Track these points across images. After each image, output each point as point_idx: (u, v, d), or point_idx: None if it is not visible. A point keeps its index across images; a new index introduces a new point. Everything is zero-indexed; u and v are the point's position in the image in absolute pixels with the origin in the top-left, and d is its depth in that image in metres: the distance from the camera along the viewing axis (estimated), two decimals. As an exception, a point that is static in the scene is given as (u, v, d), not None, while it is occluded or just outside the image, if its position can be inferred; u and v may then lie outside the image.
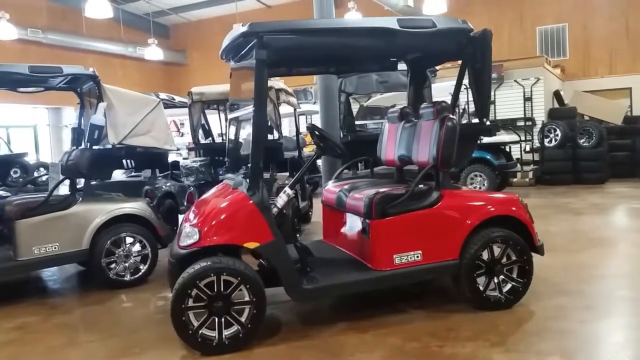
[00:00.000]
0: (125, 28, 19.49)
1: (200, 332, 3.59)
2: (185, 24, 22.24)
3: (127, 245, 5.45)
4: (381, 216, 3.96)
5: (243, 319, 3.64)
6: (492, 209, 4.16)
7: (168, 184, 8.09)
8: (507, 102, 13.04)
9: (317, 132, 4.12)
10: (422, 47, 4.19)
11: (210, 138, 7.88)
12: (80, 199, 5.39)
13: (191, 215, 4.19)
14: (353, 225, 4.33)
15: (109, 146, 5.74)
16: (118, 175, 8.50)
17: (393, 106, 15.27)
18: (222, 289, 3.59)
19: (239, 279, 3.59)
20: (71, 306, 5.00)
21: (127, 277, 5.44)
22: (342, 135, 6.97)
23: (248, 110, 4.52)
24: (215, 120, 8.64)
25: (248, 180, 3.76)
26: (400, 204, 3.98)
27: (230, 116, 4.76)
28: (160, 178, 8.20)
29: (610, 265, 5.47)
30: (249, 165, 3.75)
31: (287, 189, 3.98)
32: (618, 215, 8.37)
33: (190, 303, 3.57)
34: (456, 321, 3.99)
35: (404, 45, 4.06)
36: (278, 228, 3.71)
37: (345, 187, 4.58)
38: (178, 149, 10.50)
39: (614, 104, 15.07)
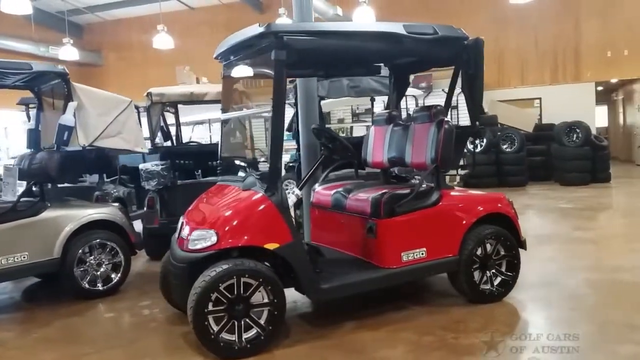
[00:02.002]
0: (36, 26, 18.24)
1: (220, 336, 3.52)
2: (101, 24, 21.17)
3: (99, 253, 5.17)
4: (389, 215, 4.08)
5: (262, 321, 3.60)
6: (487, 207, 4.42)
7: (114, 189, 7.74)
8: (436, 110, 13.68)
9: (325, 133, 4.16)
10: (422, 53, 4.35)
11: (169, 141, 7.63)
12: (49, 204, 5.04)
13: (193, 219, 4.08)
14: (354, 225, 4.40)
15: (76, 148, 5.40)
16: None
17: (328, 113, 15.38)
18: (241, 292, 3.54)
19: (260, 280, 3.56)
20: (46, 319, 4.63)
21: (100, 287, 5.16)
22: None
23: (240, 113, 4.50)
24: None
25: (265, 180, 3.74)
26: (406, 203, 4.12)
27: (222, 118, 4.67)
28: (107, 183, 7.82)
29: (566, 259, 5.90)
30: (268, 166, 3.72)
31: (295, 189, 3.99)
32: (551, 214, 9.04)
33: (211, 307, 3.49)
34: (458, 315, 4.19)
35: (406, 50, 4.20)
36: None
37: (340, 189, 4.65)
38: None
39: (526, 112, 16.28)
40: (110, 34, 21.08)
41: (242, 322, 3.57)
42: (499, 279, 4.44)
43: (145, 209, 6.79)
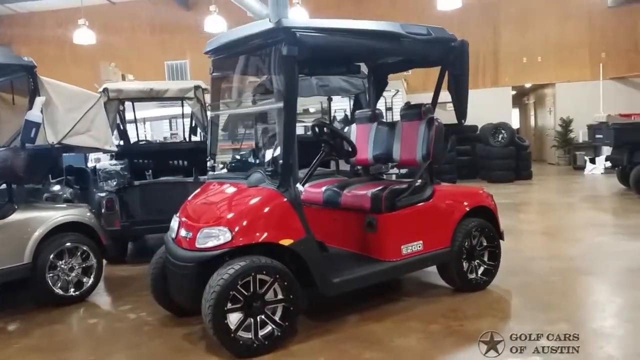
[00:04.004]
0: None
1: (238, 334, 3.47)
2: (10, 16, 19.73)
3: (70, 257, 4.88)
4: (390, 210, 4.20)
5: (277, 318, 3.59)
6: (473, 200, 4.67)
7: (61, 191, 7.32)
8: (372, 111, 14.00)
9: (325, 129, 4.20)
10: (414, 53, 4.47)
11: (125, 139, 7.27)
12: (17, 206, 4.70)
13: (194, 217, 3.97)
14: (350, 221, 4.47)
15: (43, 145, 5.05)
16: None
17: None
18: (257, 289, 3.52)
19: (276, 276, 3.54)
20: (22, 328, 4.32)
21: (73, 292, 4.87)
22: None
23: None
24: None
25: (276, 177, 3.72)
26: (405, 198, 4.26)
27: (211, 115, 4.58)
28: (53, 184, 7.38)
29: (526, 251, 6.25)
30: (280, 162, 3.70)
31: (298, 185, 3.98)
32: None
33: (229, 305, 3.43)
34: (452, 304, 4.39)
35: (401, 50, 4.30)
36: None
37: (331, 185, 4.71)
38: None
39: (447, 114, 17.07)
40: (22, 27, 19.69)
41: (258, 319, 3.54)
42: (482, 269, 4.69)
43: (103, 210, 6.45)
